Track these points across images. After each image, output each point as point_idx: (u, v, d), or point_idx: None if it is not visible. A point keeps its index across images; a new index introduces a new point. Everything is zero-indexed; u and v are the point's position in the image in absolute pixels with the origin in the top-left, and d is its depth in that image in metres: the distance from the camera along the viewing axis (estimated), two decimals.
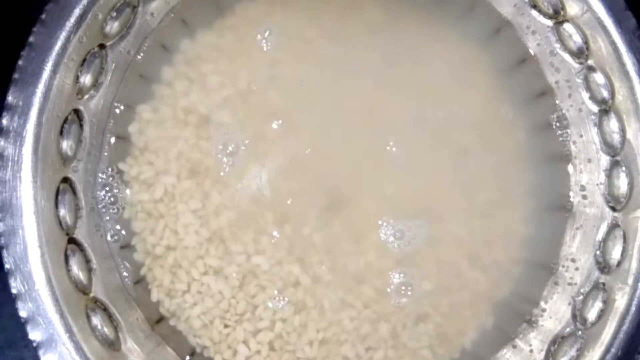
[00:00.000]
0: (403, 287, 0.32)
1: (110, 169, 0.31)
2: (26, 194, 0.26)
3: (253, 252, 0.31)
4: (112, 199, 0.31)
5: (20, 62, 0.26)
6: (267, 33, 0.33)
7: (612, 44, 0.30)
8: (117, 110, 0.31)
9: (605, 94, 0.31)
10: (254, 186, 0.32)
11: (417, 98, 0.34)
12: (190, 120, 0.32)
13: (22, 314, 0.25)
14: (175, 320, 0.31)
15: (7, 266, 0.25)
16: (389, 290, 0.32)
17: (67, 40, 0.27)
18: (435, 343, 0.33)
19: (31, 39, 0.26)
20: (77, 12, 0.27)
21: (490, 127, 0.34)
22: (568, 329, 0.31)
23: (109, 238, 0.30)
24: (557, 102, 0.33)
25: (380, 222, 0.32)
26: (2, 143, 0.26)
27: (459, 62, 0.35)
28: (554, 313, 0.32)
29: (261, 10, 0.34)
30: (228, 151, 0.31)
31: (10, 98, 0.26)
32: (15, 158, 0.26)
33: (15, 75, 0.26)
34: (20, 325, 0.36)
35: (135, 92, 0.31)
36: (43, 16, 0.27)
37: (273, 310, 0.31)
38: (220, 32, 0.33)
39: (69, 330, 0.25)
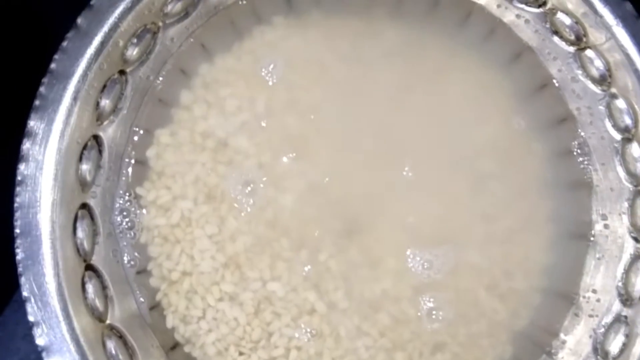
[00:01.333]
0: (434, 312, 0.32)
1: (127, 194, 0.31)
2: (45, 220, 0.26)
3: (269, 278, 0.31)
4: (129, 224, 0.31)
5: (41, 89, 0.26)
6: (271, 66, 0.33)
7: (636, 72, 0.30)
8: (136, 136, 0.31)
9: (628, 122, 0.31)
10: (270, 212, 0.32)
11: (436, 123, 0.34)
12: (207, 145, 0.32)
13: (39, 341, 0.25)
14: (190, 347, 0.31)
15: (24, 293, 0.26)
16: (419, 314, 0.32)
17: (88, 67, 0.27)
18: None
19: (53, 66, 0.27)
20: (98, 39, 0.27)
21: (509, 152, 0.34)
22: None
23: (125, 263, 0.30)
24: (579, 129, 0.32)
25: (408, 252, 0.32)
26: (23, 169, 0.26)
27: (478, 87, 0.34)
28: (575, 345, 0.31)
29: (279, 34, 0.34)
30: (247, 191, 0.31)
31: (31, 124, 0.26)
32: (35, 184, 0.26)
33: (37, 102, 0.26)
34: (34, 346, 0.36)
35: (154, 116, 0.31)
36: (65, 44, 0.27)
37: (288, 338, 0.31)
38: (239, 56, 0.33)
39: (86, 359, 0.25)
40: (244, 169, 0.32)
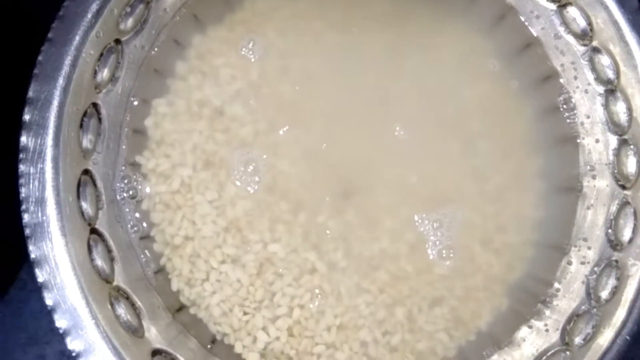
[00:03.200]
0: (444, 251, 0.33)
1: (128, 162, 0.31)
2: (49, 185, 0.27)
3: (269, 240, 0.32)
4: (131, 192, 0.31)
5: (40, 58, 0.27)
6: (264, 36, 0.33)
7: (615, 24, 0.31)
8: (134, 104, 0.31)
9: (610, 74, 0.32)
10: (269, 176, 0.33)
11: (425, 87, 0.35)
12: (204, 113, 0.33)
13: (49, 302, 0.26)
14: (195, 309, 0.31)
15: (32, 256, 0.26)
16: (431, 257, 0.32)
17: (85, 35, 0.27)
18: (451, 326, 0.33)
19: (50, 34, 0.27)
20: (94, 7, 0.28)
21: (498, 112, 0.35)
22: (583, 307, 0.31)
23: (129, 229, 0.31)
24: (564, 84, 0.33)
25: (416, 217, 0.33)
26: (25, 137, 0.27)
27: (465, 50, 0.35)
28: (568, 292, 0.32)
29: (270, 4, 0.34)
30: (250, 170, 0.32)
31: (31, 93, 0.27)
32: (38, 151, 0.27)
33: (36, 71, 0.27)
34: (41, 323, 0.37)
35: (151, 86, 0.32)
36: (61, 12, 0.27)
37: (291, 297, 0.32)
38: (231, 26, 0.34)
39: (94, 317, 0.26)
40: (240, 137, 0.33)
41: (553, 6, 0.33)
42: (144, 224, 0.31)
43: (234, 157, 0.33)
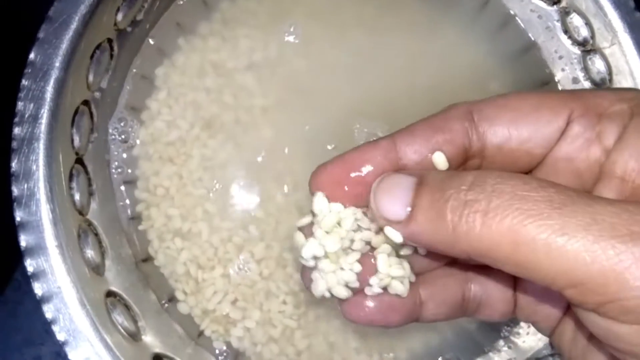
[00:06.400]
0: None
1: (129, 105, 0.31)
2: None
3: (253, 207, 0.32)
4: (124, 135, 0.31)
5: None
6: (292, 18, 0.33)
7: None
8: (148, 50, 0.32)
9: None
10: (264, 147, 0.32)
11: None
12: (215, 75, 0.33)
13: (19, 216, 0.26)
14: (160, 262, 0.31)
15: (13, 169, 0.26)
16: None
17: None
18: None
19: None
20: None
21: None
22: (545, 352, 0.31)
23: (113, 170, 0.31)
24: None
25: None
26: (33, 54, 0.27)
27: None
28: (534, 332, 0.31)
29: None
30: (248, 138, 0.32)
31: (42, 34, 0.26)
32: (45, 69, 0.27)
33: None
34: (37, 324, 0.36)
35: (169, 37, 0.32)
36: None
37: (258, 266, 0.31)
38: (262, 1, 0.34)
39: (57, 238, 0.26)
40: (245, 107, 0.33)
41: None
42: (130, 170, 0.32)
43: (235, 123, 0.33)
